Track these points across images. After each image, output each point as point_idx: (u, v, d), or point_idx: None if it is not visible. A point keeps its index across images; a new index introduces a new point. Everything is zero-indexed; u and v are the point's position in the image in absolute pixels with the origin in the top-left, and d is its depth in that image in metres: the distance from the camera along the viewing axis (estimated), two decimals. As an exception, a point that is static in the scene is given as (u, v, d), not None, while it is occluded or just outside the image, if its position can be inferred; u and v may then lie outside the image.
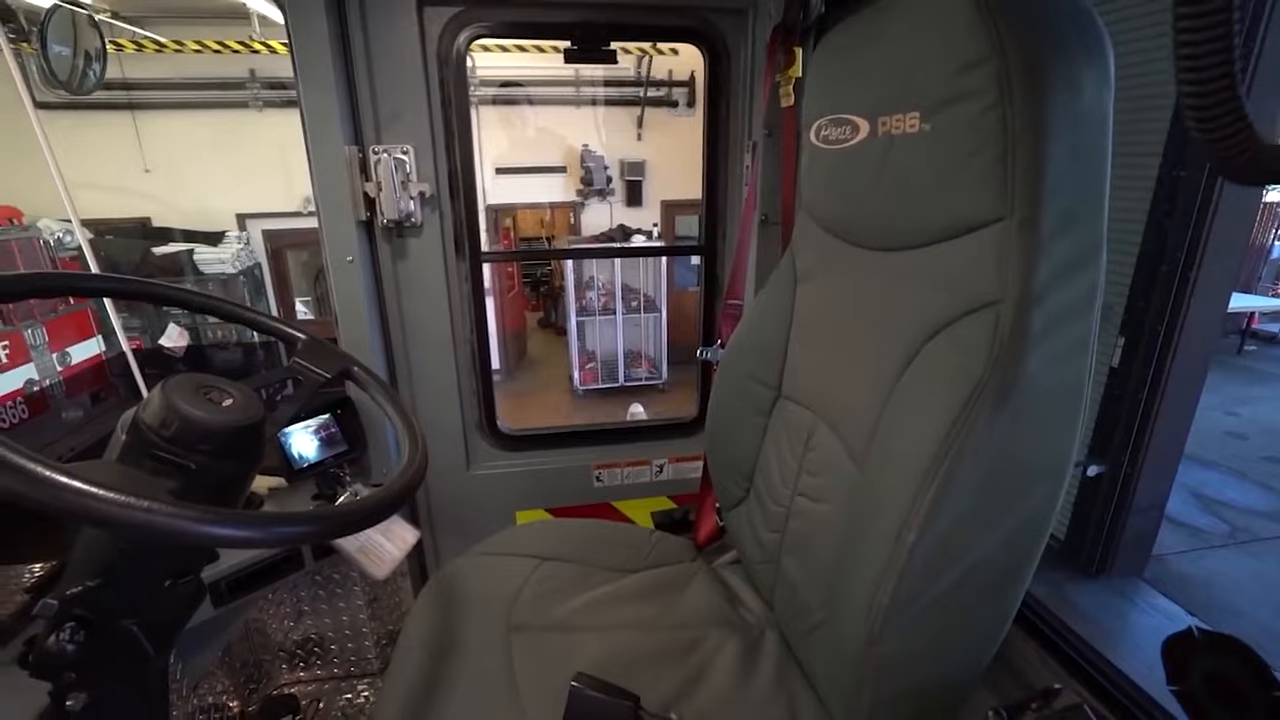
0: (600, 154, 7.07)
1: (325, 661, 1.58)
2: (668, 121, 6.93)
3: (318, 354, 0.98)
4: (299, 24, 1.23)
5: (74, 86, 1.44)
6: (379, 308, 1.49)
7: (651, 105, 6.86)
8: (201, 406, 0.74)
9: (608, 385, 7.45)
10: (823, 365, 0.96)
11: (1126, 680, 0.78)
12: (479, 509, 1.69)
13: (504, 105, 6.67)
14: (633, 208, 7.45)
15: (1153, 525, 2.90)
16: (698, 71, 5.99)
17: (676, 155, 6.89)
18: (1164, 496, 2.84)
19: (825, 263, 0.98)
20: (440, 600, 1.09)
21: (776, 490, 1.02)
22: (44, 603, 0.68)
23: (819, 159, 0.93)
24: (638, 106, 6.86)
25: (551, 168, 7.15)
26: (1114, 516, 2.77)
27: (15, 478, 0.50)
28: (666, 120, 6.93)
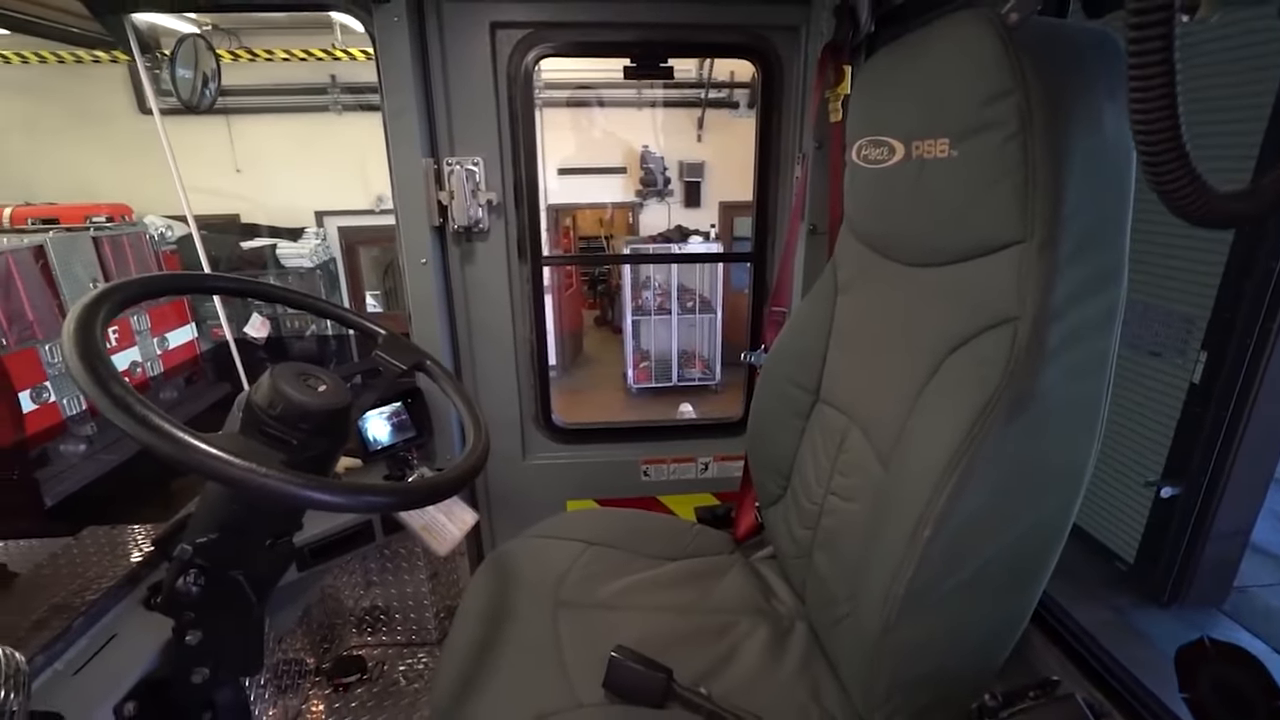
0: (660, 155, 7.14)
1: (389, 629, 1.73)
2: (728, 123, 6.94)
3: (396, 348, 1.09)
4: (386, 50, 1.36)
5: (194, 104, 1.61)
6: (448, 306, 1.62)
7: (712, 107, 6.89)
8: (302, 391, 0.86)
9: (661, 384, 7.52)
10: (857, 372, 1.01)
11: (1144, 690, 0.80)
12: (532, 497, 1.80)
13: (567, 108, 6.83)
14: (691, 209, 7.49)
15: (1235, 553, 2.71)
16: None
17: (736, 157, 6.89)
18: (1249, 523, 2.66)
19: (863, 275, 1.03)
20: (495, 577, 1.20)
21: (811, 489, 1.08)
22: (181, 547, 0.82)
23: (859, 176, 0.98)
24: (698, 108, 6.90)
25: (612, 169, 7.27)
26: (1190, 542, 2.61)
27: (169, 444, 0.63)
28: (727, 122, 6.95)
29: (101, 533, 1.37)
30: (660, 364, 7.54)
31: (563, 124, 6.87)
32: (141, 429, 0.64)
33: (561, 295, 8.22)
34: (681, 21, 1.46)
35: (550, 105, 6.72)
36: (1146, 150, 0.40)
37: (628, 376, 7.56)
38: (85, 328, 0.71)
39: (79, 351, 0.68)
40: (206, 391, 5.38)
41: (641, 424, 1.85)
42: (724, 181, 7.29)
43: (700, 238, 7.18)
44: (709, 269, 7.28)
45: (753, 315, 1.74)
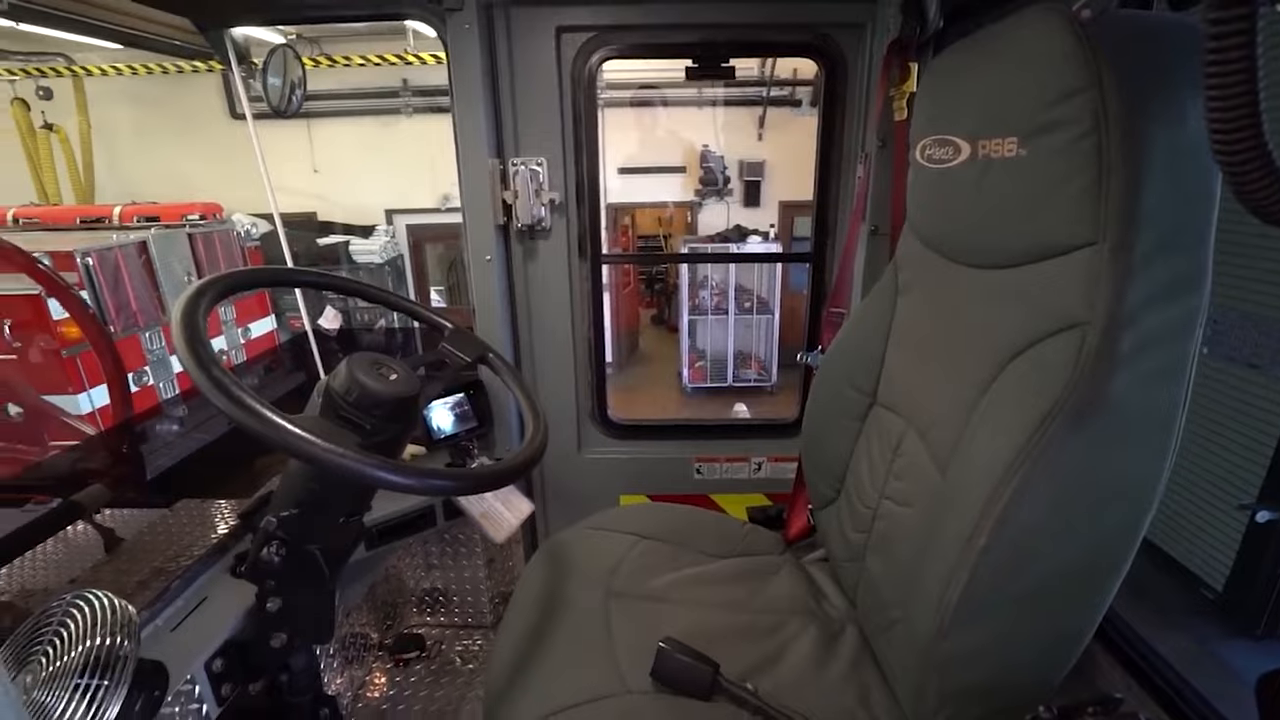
0: (720, 154, 7.11)
1: (447, 610, 1.80)
2: (790, 121, 6.84)
3: (462, 341, 1.15)
4: (457, 56, 1.42)
5: (282, 109, 1.72)
6: (510, 302, 1.68)
7: (774, 105, 6.80)
8: (375, 379, 0.92)
9: (716, 384, 7.48)
10: (916, 375, 0.99)
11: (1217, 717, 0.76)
12: (587, 489, 1.84)
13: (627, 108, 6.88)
14: (750, 208, 7.42)
15: (1342, 586, 2.51)
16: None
17: (797, 156, 6.77)
18: (1358, 553, 2.46)
19: (925, 277, 1.01)
20: (550, 565, 1.24)
21: (865, 492, 1.07)
22: (267, 519, 0.88)
23: (922, 176, 0.97)
24: (759, 106, 6.82)
25: (671, 168, 7.29)
26: (1290, 571, 2.43)
27: (262, 424, 0.69)
28: (789, 120, 6.84)
29: (194, 505, 1.49)
30: (715, 364, 7.51)
31: (623, 124, 6.92)
32: (238, 410, 0.70)
33: (619, 293, 8.29)
34: (744, 22, 1.46)
35: (611, 105, 6.79)
36: (1224, 148, 0.39)
37: (682, 375, 7.56)
38: (190, 318, 0.78)
39: (186, 339, 0.75)
40: (283, 379, 5.70)
41: (695, 422, 1.86)
42: (784, 181, 7.19)
43: (759, 238, 7.12)
44: (767, 269, 7.20)
45: (811, 316, 1.72)
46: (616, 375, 8.14)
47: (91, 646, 0.71)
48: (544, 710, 0.90)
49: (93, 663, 0.70)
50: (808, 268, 1.73)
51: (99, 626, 0.73)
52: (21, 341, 4.40)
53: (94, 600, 0.75)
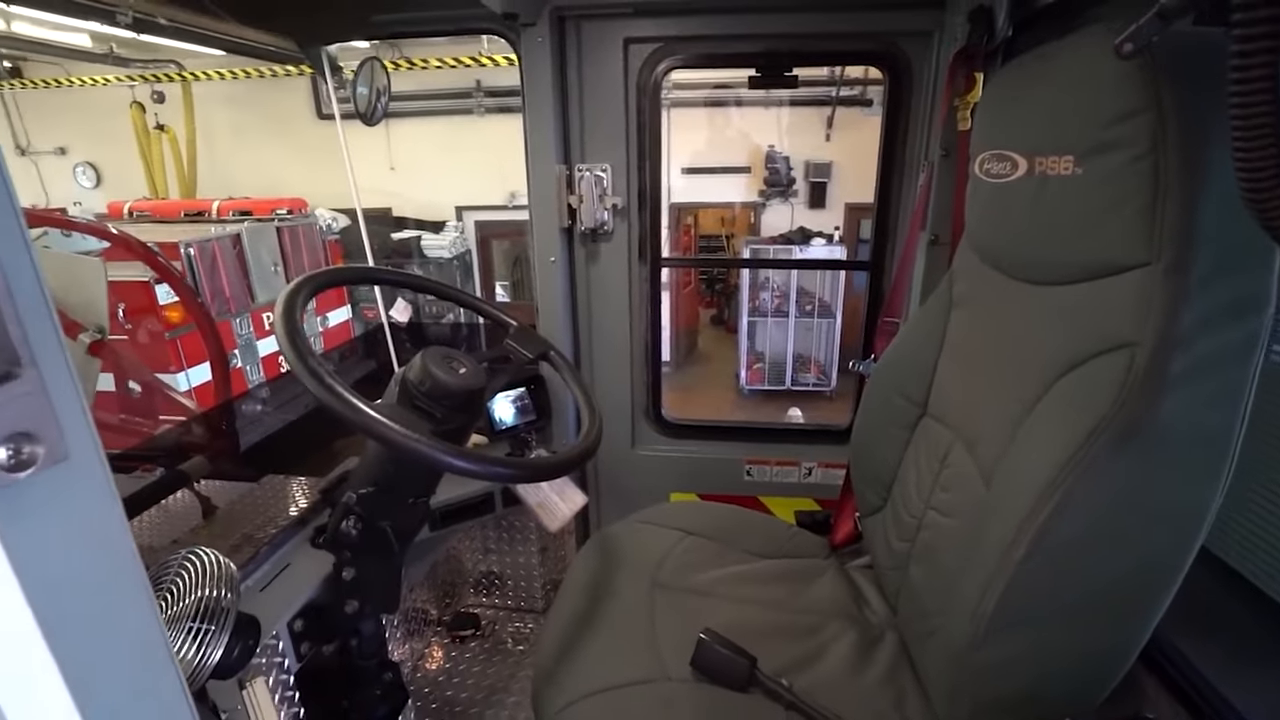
0: (786, 155, 7.03)
1: (502, 593, 1.90)
2: (859, 121, 6.69)
3: (525, 338, 1.22)
4: (529, 68, 1.50)
5: (369, 117, 1.85)
6: (571, 301, 1.75)
7: (843, 105, 6.67)
8: (446, 372, 1.00)
9: (773, 387, 7.41)
10: (966, 388, 1.00)
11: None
12: (638, 485, 1.90)
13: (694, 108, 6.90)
14: (815, 210, 7.30)
15: None
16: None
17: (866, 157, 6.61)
18: None
19: (979, 289, 1.01)
20: (599, 555, 1.30)
21: (911, 502, 1.08)
22: (347, 495, 0.98)
23: (980, 190, 0.97)
24: (828, 106, 6.71)
25: (736, 168, 7.26)
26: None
27: (347, 408, 0.77)
28: (858, 120, 6.70)
29: (278, 480, 1.63)
30: (774, 366, 7.44)
31: (688, 124, 6.94)
32: (330, 396, 0.79)
33: (679, 292, 8.32)
34: (809, 31, 1.48)
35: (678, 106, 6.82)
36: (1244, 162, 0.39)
37: (740, 377, 7.53)
38: (290, 312, 0.88)
39: (285, 330, 0.85)
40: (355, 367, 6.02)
41: (747, 424, 1.89)
42: (852, 182, 7.05)
43: (823, 240, 7.00)
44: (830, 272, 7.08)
45: (866, 324, 1.72)
46: (674, 374, 8.17)
47: (202, 596, 0.82)
48: (587, 689, 0.96)
49: (203, 610, 0.81)
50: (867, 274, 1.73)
51: (209, 579, 0.83)
52: (132, 324, 4.84)
53: (205, 556, 0.86)
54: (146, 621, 0.43)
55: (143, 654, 0.43)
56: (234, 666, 0.85)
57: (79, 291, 1.53)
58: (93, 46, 6.85)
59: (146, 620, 0.43)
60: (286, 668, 1.15)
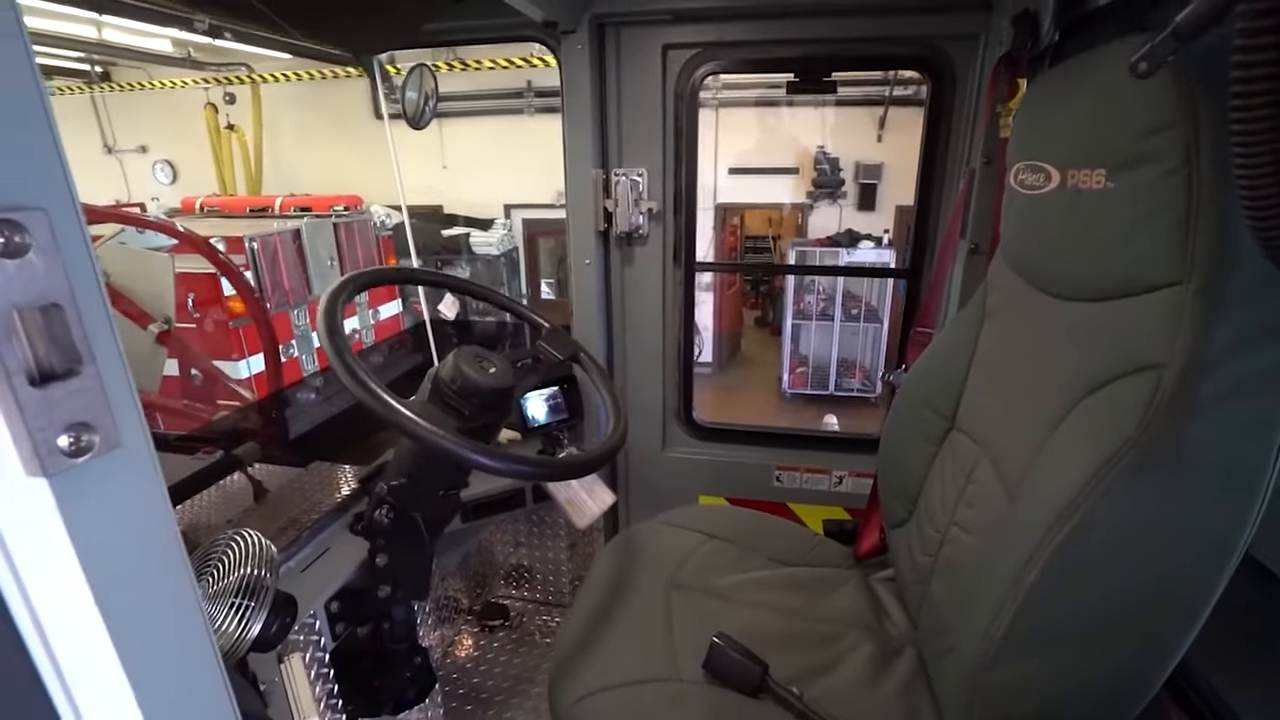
0: (835, 156, 6.91)
1: (531, 586, 1.95)
2: (913, 122, 6.51)
3: (556, 340, 1.25)
4: (569, 74, 1.53)
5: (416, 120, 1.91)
6: (606, 303, 1.78)
7: (897, 105, 6.52)
8: (477, 371, 1.04)
9: (816, 392, 7.32)
10: (994, 403, 0.98)
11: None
12: (667, 486, 1.92)
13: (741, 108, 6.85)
14: (864, 212, 7.16)
15: None
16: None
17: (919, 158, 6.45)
18: None
19: (1011, 302, 0.99)
20: (622, 553, 1.32)
21: (936, 516, 1.06)
22: (380, 485, 1.03)
23: (1015, 200, 0.95)
24: (880, 106, 6.57)
25: (784, 169, 7.18)
26: None
27: (378, 403, 0.82)
28: (912, 120, 6.52)
29: (324, 468, 1.71)
30: (818, 371, 7.34)
31: (736, 124, 6.90)
32: (363, 391, 0.84)
33: (723, 294, 8.29)
34: (849, 35, 1.47)
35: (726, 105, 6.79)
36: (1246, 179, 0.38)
37: (783, 380, 7.46)
38: (332, 311, 0.94)
39: (326, 327, 0.90)
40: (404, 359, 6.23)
41: (778, 429, 1.88)
42: (904, 184, 6.86)
43: (871, 243, 6.86)
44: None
45: (902, 333, 1.69)
46: (716, 375, 8.15)
47: (244, 574, 0.88)
48: (602, 684, 0.98)
49: (244, 587, 0.87)
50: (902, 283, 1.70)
51: (251, 559, 0.89)
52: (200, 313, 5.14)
53: (249, 537, 0.92)
54: (186, 595, 0.47)
55: (183, 624, 0.48)
56: (272, 641, 0.91)
57: (149, 284, 1.64)
58: (173, 51, 7.28)
59: (186, 594, 0.47)
60: (322, 645, 1.22)
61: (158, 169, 8.76)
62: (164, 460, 0.45)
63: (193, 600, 0.48)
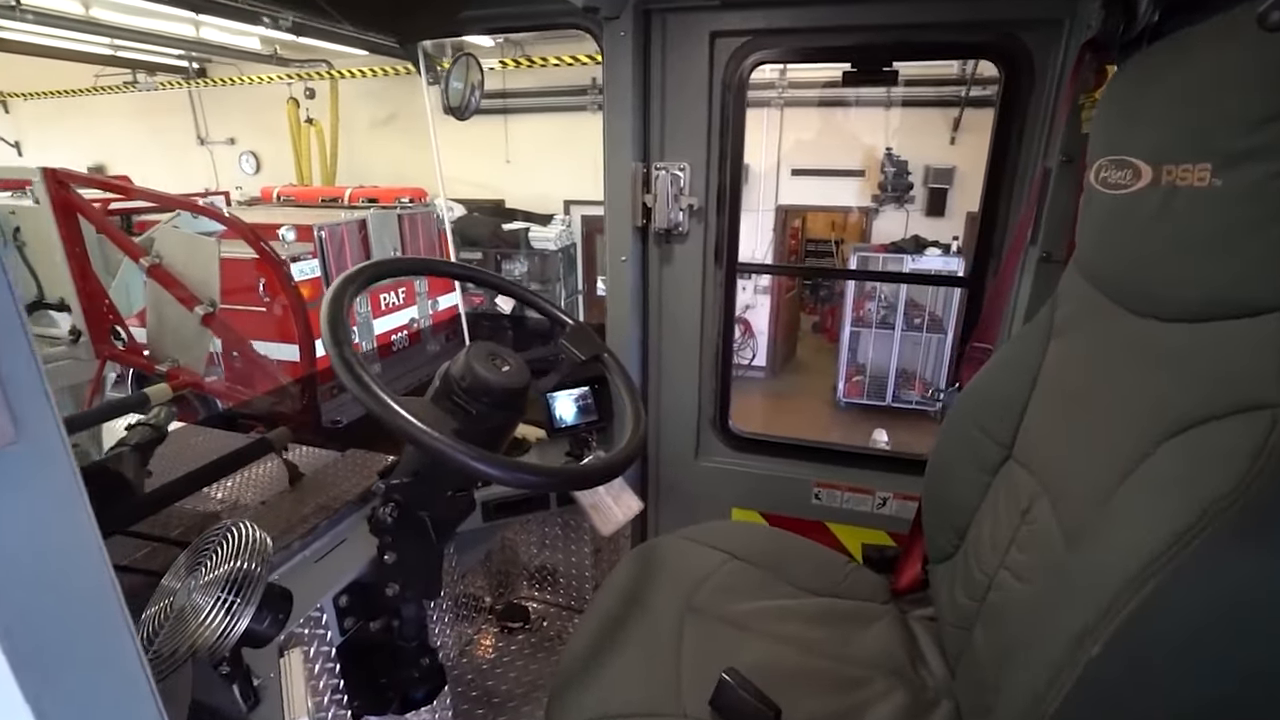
0: (904, 159, 6.62)
1: (554, 589, 1.90)
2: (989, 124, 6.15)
3: (579, 339, 1.19)
4: (610, 62, 1.47)
5: (461, 111, 1.89)
6: (642, 301, 1.71)
7: (973, 106, 6.17)
8: (488, 369, 0.99)
9: (873, 402, 7.06)
10: (1058, 434, 0.85)
11: None
12: (699, 497, 1.83)
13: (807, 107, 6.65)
14: (932, 218, 6.83)
15: None
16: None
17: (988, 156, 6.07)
18: None
19: (1084, 318, 0.86)
20: (639, 567, 1.25)
21: (984, 556, 0.94)
22: (378, 483, 0.99)
23: (1094, 202, 0.82)
24: (955, 107, 6.23)
25: (849, 171, 6.93)
26: None
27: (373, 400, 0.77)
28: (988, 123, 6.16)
29: (360, 455, 1.71)
30: (875, 380, 7.08)
31: (800, 124, 6.70)
32: (357, 386, 0.80)
33: (780, 297, 8.11)
34: (912, 21, 1.34)
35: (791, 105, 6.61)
36: None
37: (838, 389, 7.22)
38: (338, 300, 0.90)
39: (329, 316, 0.87)
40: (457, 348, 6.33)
41: (819, 444, 1.76)
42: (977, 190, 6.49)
43: (939, 250, 6.53)
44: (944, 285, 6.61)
45: (959, 348, 1.54)
46: (769, 380, 7.99)
47: (234, 568, 0.85)
48: (600, 711, 0.91)
49: (233, 580, 0.84)
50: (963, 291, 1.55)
51: (243, 551, 0.87)
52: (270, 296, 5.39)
53: (244, 529, 0.90)
54: (103, 595, 0.43)
55: (98, 626, 0.44)
56: (264, 636, 0.88)
57: (196, 268, 1.68)
58: (261, 48, 7.68)
59: (103, 594, 0.43)
60: (329, 640, 1.20)
61: (243, 159, 9.27)
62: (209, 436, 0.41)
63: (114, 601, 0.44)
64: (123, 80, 8.62)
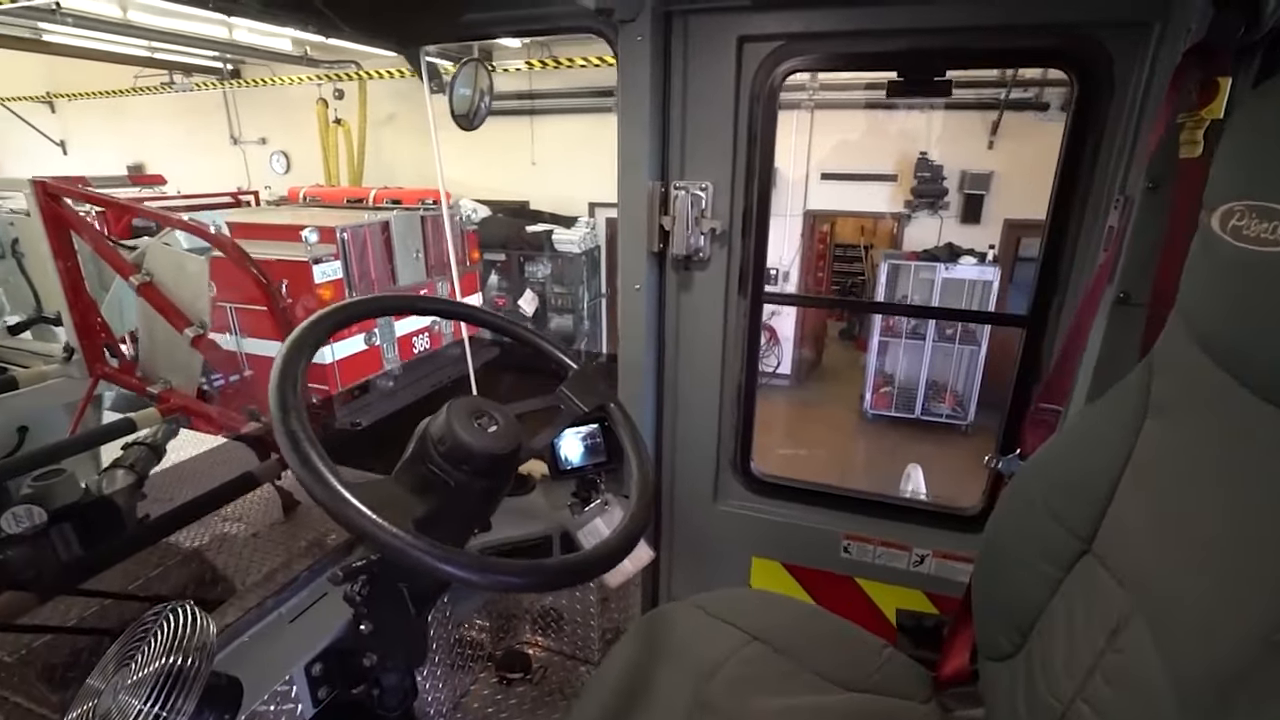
0: (939, 163, 6.37)
1: (558, 635, 1.76)
2: (1032, 128, 5.89)
3: (582, 386, 1.05)
4: (625, 69, 1.32)
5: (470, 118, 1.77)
6: (658, 333, 1.56)
7: (1012, 109, 5.90)
8: (470, 432, 0.85)
9: (901, 414, 6.83)
10: (1163, 538, 0.68)
11: None
12: (717, 544, 1.68)
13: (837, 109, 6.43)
14: (967, 225, 6.57)
15: None
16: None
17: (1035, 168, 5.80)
18: None
19: (1196, 396, 0.69)
20: (648, 640, 1.11)
21: (1056, 676, 0.78)
22: (333, 571, 0.86)
23: (1219, 254, 0.65)
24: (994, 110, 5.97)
25: (881, 175, 6.70)
26: None
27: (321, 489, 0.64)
28: (1030, 126, 5.90)
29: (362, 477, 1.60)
30: (904, 391, 6.85)
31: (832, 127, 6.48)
32: (297, 461, 0.67)
33: (805, 305, 7.90)
34: (969, 24, 1.17)
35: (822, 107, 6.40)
36: None
37: (865, 399, 7.01)
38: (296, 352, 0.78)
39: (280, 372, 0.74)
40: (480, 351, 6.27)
41: (849, 493, 1.59)
42: (1015, 196, 6.24)
43: (973, 259, 6.28)
44: (980, 291, 6.33)
45: (1013, 399, 1.36)
46: (794, 389, 7.78)
47: (165, 664, 0.73)
48: None
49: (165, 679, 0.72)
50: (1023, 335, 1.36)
51: (178, 645, 0.75)
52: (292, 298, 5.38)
53: (181, 614, 0.78)
54: None
55: None
56: None
57: (186, 288, 1.58)
58: (292, 49, 7.72)
59: None
60: (299, 714, 1.08)
61: (274, 159, 9.36)
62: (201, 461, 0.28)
63: None
64: (160, 81, 8.75)
